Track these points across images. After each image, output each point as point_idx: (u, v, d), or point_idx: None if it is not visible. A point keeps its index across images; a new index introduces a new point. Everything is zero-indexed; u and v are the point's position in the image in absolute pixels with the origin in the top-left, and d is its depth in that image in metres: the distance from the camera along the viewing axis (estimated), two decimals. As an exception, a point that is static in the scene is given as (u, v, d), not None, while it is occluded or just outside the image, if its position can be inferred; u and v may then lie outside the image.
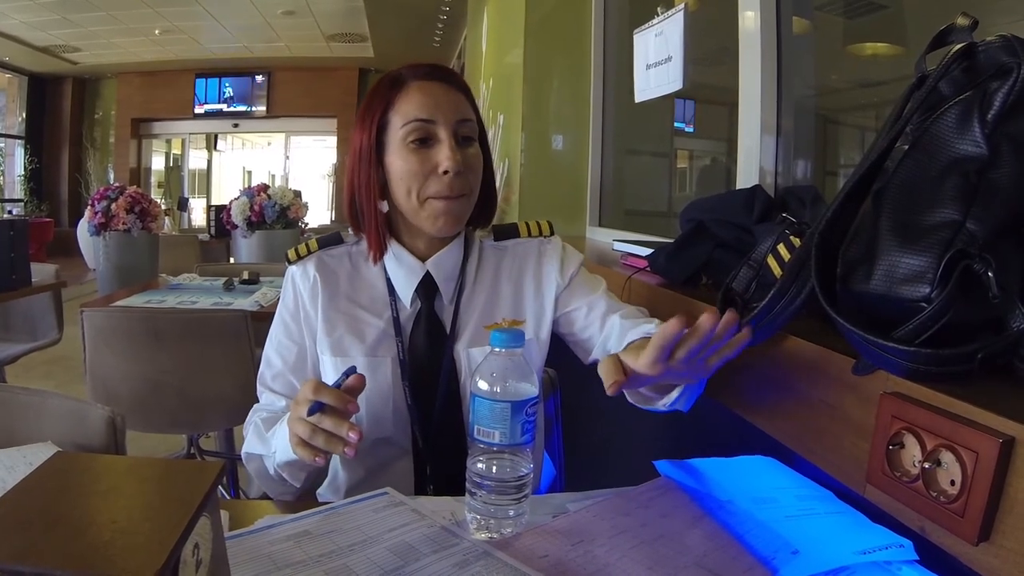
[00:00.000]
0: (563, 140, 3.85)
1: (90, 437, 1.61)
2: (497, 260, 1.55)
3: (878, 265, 0.91)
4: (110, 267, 6.75)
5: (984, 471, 0.76)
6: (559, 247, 1.56)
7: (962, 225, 0.87)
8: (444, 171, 1.36)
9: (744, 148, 2.18)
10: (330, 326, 1.47)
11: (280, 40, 13.05)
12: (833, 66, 2.36)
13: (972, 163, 0.90)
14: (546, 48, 3.83)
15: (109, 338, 3.03)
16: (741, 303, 1.26)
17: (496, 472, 1.02)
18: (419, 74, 1.41)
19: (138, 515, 0.68)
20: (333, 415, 1.12)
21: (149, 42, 13.07)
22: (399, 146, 1.37)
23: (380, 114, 1.39)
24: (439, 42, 11.98)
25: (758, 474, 1.16)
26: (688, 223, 1.69)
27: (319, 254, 1.52)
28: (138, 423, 3.10)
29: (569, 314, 1.53)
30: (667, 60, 2.48)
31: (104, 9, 10.75)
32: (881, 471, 0.90)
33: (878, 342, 0.87)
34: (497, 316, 1.49)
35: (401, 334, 1.46)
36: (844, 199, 1.02)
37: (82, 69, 14.98)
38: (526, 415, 1.00)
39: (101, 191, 6.88)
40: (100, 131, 16.24)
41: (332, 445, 1.12)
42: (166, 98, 15.54)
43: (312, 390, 1.13)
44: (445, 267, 1.47)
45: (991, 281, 0.82)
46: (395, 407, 1.44)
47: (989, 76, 0.93)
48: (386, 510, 1.12)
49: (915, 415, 0.86)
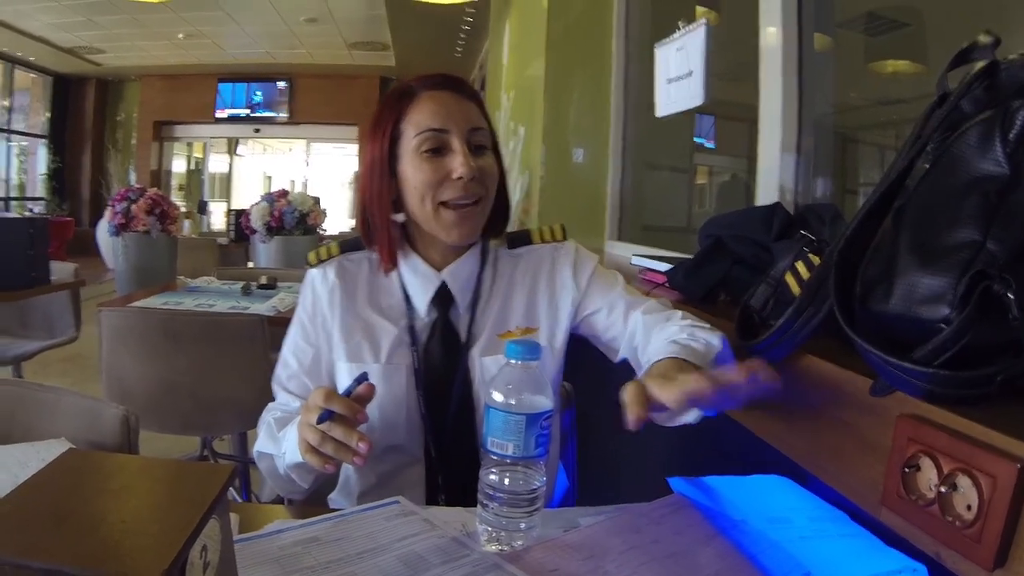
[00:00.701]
0: (583, 153, 3.85)
1: (104, 435, 1.62)
2: (512, 267, 1.55)
3: (897, 285, 0.90)
4: (128, 268, 6.80)
5: (1002, 496, 0.74)
6: (572, 252, 1.55)
7: (982, 246, 0.86)
8: (458, 177, 1.36)
9: (763, 166, 2.17)
10: (347, 332, 1.47)
11: (302, 47, 13.11)
12: (854, 83, 2.35)
13: (993, 183, 0.89)
14: (567, 61, 3.83)
15: (126, 338, 3.05)
16: (759, 320, 1.25)
17: (508, 484, 1.01)
18: (429, 84, 1.43)
19: (147, 515, 0.68)
20: (343, 424, 1.13)
21: (172, 46, 13.15)
22: (412, 156, 1.38)
23: (392, 126, 1.41)
24: (461, 52, 12.00)
25: (772, 494, 1.14)
26: (707, 239, 1.68)
27: (340, 259, 1.53)
28: (152, 424, 3.10)
29: (589, 318, 1.52)
30: (688, 75, 2.47)
31: (129, 12, 10.82)
32: (896, 494, 0.89)
33: (897, 363, 0.86)
34: (511, 324, 1.49)
35: (416, 343, 1.46)
36: (864, 217, 1.01)
37: (106, 71, 15.08)
38: (541, 428, 1.00)
39: (122, 192, 6.93)
40: (122, 133, 16.34)
41: (341, 454, 1.13)
42: (188, 102, 15.62)
43: (323, 398, 1.14)
44: (461, 277, 1.48)
45: (1011, 303, 0.80)
46: (408, 415, 1.44)
47: (1011, 95, 0.92)
48: (397, 519, 1.11)
49: (932, 438, 0.85)
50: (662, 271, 1.90)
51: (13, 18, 11.35)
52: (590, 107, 3.84)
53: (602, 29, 3.75)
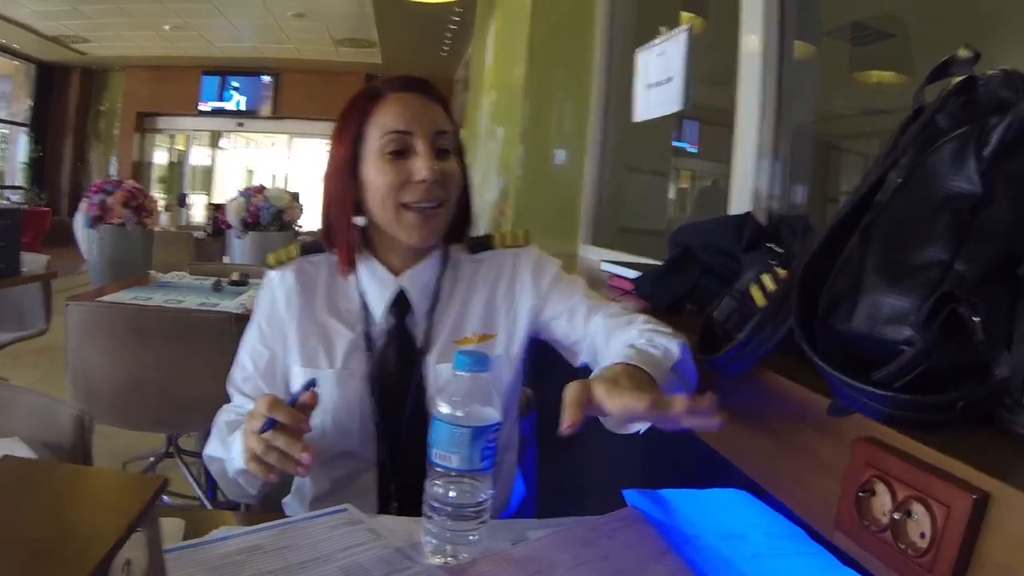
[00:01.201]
0: (562, 156, 3.84)
1: (59, 435, 1.62)
2: (471, 273, 1.53)
3: (861, 303, 0.88)
4: (103, 260, 6.73)
5: (955, 527, 0.72)
6: (534, 257, 1.54)
7: (950, 266, 0.84)
8: (420, 179, 1.35)
9: (739, 173, 2.16)
10: (303, 336, 1.46)
11: (289, 42, 13.07)
12: (840, 92, 2.35)
13: (965, 200, 0.87)
14: (550, 63, 3.82)
15: (93, 332, 3.02)
16: (721, 333, 1.22)
17: (454, 497, 0.99)
18: (396, 86, 1.42)
19: (69, 527, 0.66)
20: (286, 433, 1.12)
21: (158, 37, 13.08)
22: (375, 158, 1.37)
23: (357, 127, 1.39)
24: (447, 52, 11.99)
25: (730, 508, 1.12)
26: (675, 248, 1.66)
27: (300, 261, 1.51)
28: (118, 420, 3.09)
29: (550, 323, 1.50)
30: (668, 80, 2.46)
31: (115, 2, 10.77)
32: (850, 517, 0.87)
33: (855, 385, 0.84)
34: (467, 330, 1.48)
35: (372, 348, 1.45)
36: (831, 232, 0.98)
37: (90, 60, 14.99)
38: (486, 441, 0.98)
39: (98, 184, 6.88)
40: (105, 123, 16.25)
41: (284, 464, 1.12)
42: (172, 93, 15.54)
43: (267, 406, 1.13)
44: (419, 282, 1.46)
45: (977, 326, 0.79)
46: (362, 422, 1.43)
47: (988, 111, 0.90)
48: (343, 527, 1.10)
49: (887, 463, 0.82)
50: (631, 278, 1.87)
51: (-2, 5, 11.29)
52: (571, 110, 3.84)
53: (585, 32, 3.75)
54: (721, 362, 1.16)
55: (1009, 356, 0.81)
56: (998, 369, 0.81)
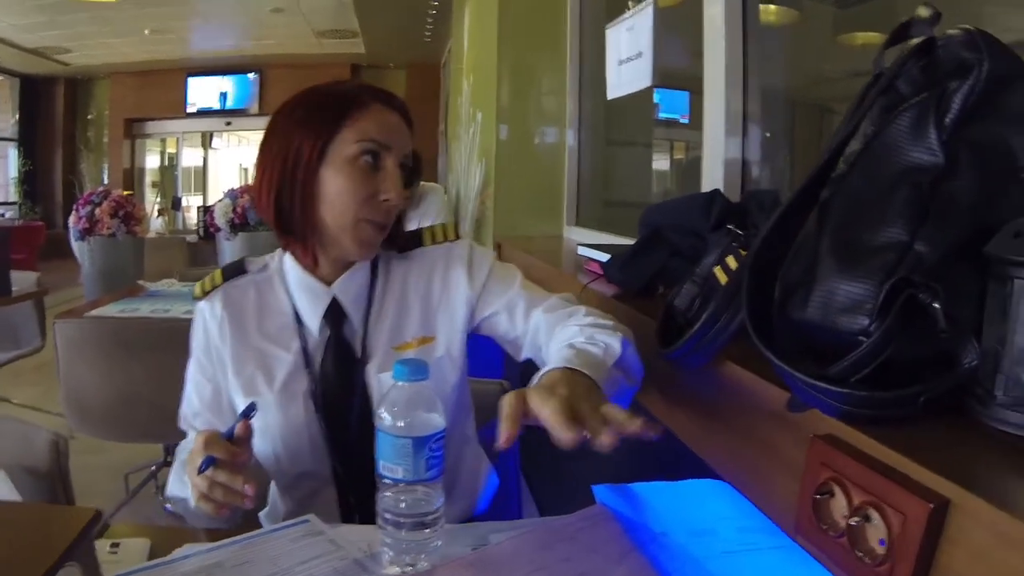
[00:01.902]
0: (542, 137, 3.82)
1: (36, 459, 1.63)
2: (404, 273, 1.49)
3: (816, 291, 0.83)
4: (95, 272, 6.72)
5: (911, 537, 0.67)
6: (465, 251, 1.49)
7: (909, 246, 0.78)
8: (386, 199, 1.33)
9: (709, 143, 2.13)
10: (240, 365, 1.42)
11: (270, 38, 12.99)
12: (827, 55, 2.32)
13: (925, 173, 0.82)
14: (523, 44, 3.80)
15: (82, 349, 3.02)
16: (684, 322, 1.16)
17: (405, 507, 0.98)
18: (381, 98, 1.38)
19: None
20: (226, 469, 1.12)
21: (139, 42, 13.01)
22: (345, 163, 1.32)
23: (332, 124, 1.33)
24: (430, 37, 11.92)
25: (703, 502, 1.09)
26: (645, 229, 1.61)
27: (224, 288, 1.46)
28: (112, 434, 3.12)
29: (490, 319, 1.47)
30: (638, 56, 2.43)
31: (93, 11, 10.71)
32: (808, 520, 0.82)
33: (808, 381, 0.79)
34: (407, 334, 1.45)
35: (311, 365, 1.41)
36: (784, 213, 0.92)
37: (74, 70, 14.92)
38: (430, 450, 0.96)
39: (86, 196, 6.86)
40: (94, 132, 16.20)
41: (230, 498, 1.13)
42: (159, 98, 15.48)
43: (203, 444, 1.14)
44: (351, 290, 1.43)
45: (938, 313, 0.73)
46: (311, 441, 1.40)
47: (948, 75, 0.85)
48: (303, 540, 1.09)
49: (843, 465, 0.77)
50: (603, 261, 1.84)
51: (-27, 21, 11.23)
52: (550, 90, 3.82)
53: (557, 10, 3.73)
54: (677, 355, 1.11)
55: (977, 343, 0.76)
56: (966, 357, 0.76)
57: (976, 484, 0.65)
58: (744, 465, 1.02)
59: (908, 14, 0.93)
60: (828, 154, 0.91)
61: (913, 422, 0.77)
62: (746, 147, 2.09)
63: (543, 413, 0.95)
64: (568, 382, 1.04)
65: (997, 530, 0.61)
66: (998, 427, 0.75)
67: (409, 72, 14.41)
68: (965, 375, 0.76)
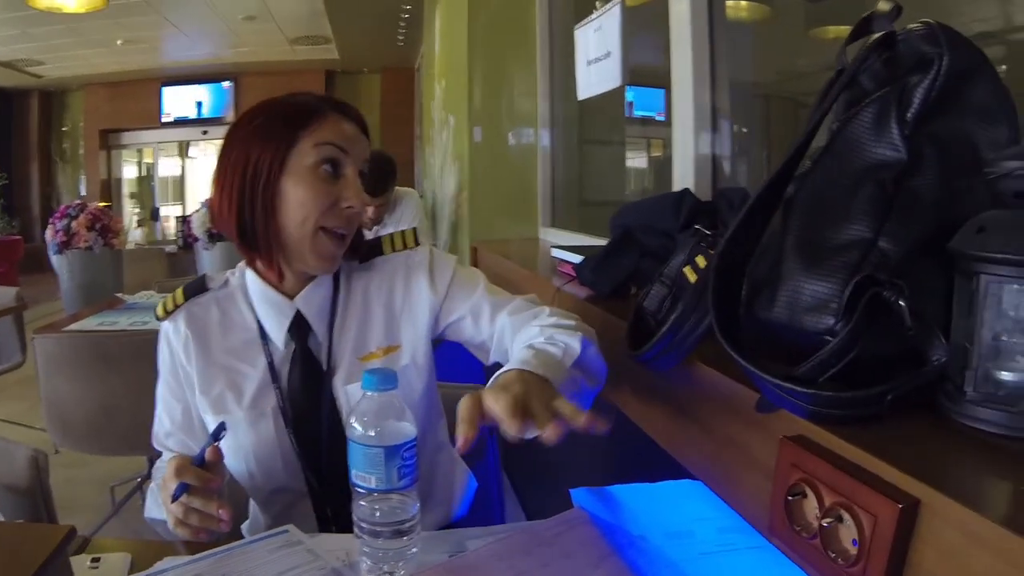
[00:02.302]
0: (516, 138, 3.81)
1: (16, 475, 1.64)
2: (365, 282, 1.48)
3: (781, 290, 0.83)
4: (74, 286, 6.69)
5: (882, 537, 0.67)
6: (426, 257, 1.48)
7: (873, 244, 0.78)
8: (348, 206, 1.32)
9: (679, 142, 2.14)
10: (207, 384, 1.41)
11: (244, 45, 12.92)
12: (800, 50, 2.33)
13: (889, 170, 0.81)
14: (493, 46, 3.80)
15: (61, 363, 3.01)
16: (655, 324, 1.15)
17: (380, 516, 0.99)
18: (339, 108, 1.38)
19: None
20: (199, 495, 1.14)
21: (112, 53, 12.92)
22: (306, 171, 1.30)
23: (291, 134, 1.31)
24: (403, 41, 11.89)
25: (681, 503, 1.10)
26: (615, 230, 1.61)
27: (187, 306, 1.44)
28: (94, 447, 3.12)
29: (455, 324, 1.46)
30: (607, 56, 2.43)
31: (64, 22, 10.61)
32: (781, 521, 0.82)
33: (774, 381, 0.78)
34: (371, 344, 1.44)
35: (278, 380, 1.41)
36: (749, 211, 0.90)
37: (47, 82, 14.80)
38: (402, 459, 0.97)
39: (62, 209, 6.82)
40: (69, 143, 16.08)
41: (206, 523, 1.14)
42: (133, 108, 15.38)
43: (174, 472, 1.15)
44: (315, 303, 1.42)
45: (904, 311, 0.72)
46: (283, 456, 1.39)
47: (909, 70, 0.85)
48: (281, 550, 1.11)
49: (813, 466, 0.77)
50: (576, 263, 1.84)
51: (-56, 35, 11.14)
52: (521, 92, 3.81)
53: (526, 11, 3.72)
54: (648, 357, 1.11)
55: (945, 339, 0.76)
56: (933, 354, 0.75)
57: (946, 483, 0.65)
58: (718, 466, 1.02)
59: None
60: (793, 150, 0.90)
61: (883, 421, 0.77)
62: (717, 143, 2.09)
63: (495, 410, 0.95)
64: (522, 381, 1.04)
65: (967, 529, 0.61)
66: (968, 424, 0.75)
67: (384, 77, 14.36)
68: (933, 372, 0.76)
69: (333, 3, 9.80)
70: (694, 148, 2.05)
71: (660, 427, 1.21)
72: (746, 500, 0.95)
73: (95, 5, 5.67)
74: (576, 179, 3.69)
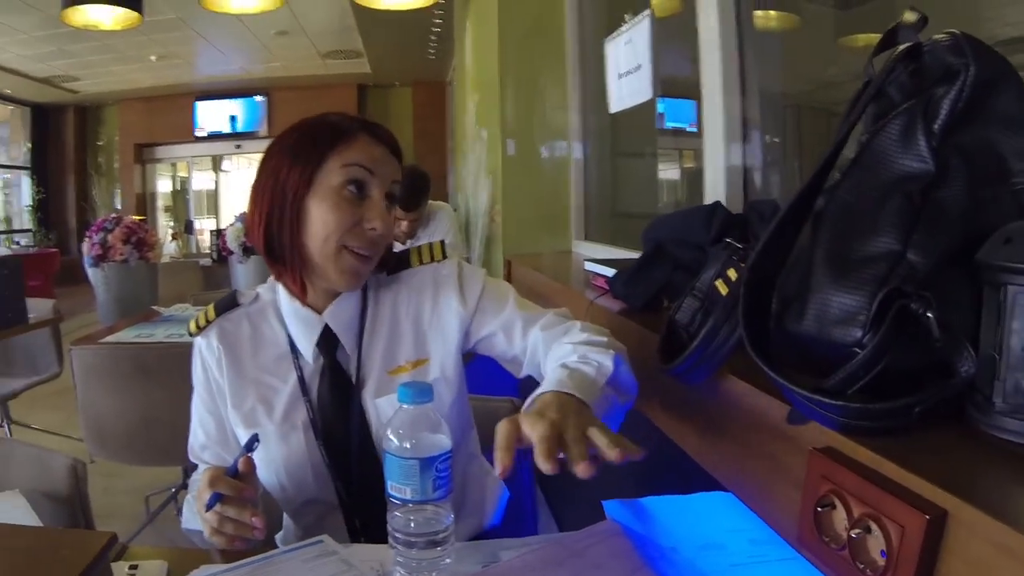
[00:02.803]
0: (549, 151, 3.81)
1: (55, 484, 1.66)
2: (393, 295, 1.49)
3: (811, 303, 0.83)
4: (110, 298, 6.79)
5: (910, 548, 0.67)
6: (454, 271, 1.48)
7: (901, 256, 0.78)
8: (372, 227, 1.33)
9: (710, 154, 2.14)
10: (239, 398, 1.43)
11: (276, 60, 13.00)
12: (831, 59, 2.32)
13: (916, 181, 0.82)
14: (525, 59, 3.80)
15: (99, 374, 3.05)
16: (687, 336, 1.15)
17: (415, 527, 1.00)
18: (369, 129, 1.39)
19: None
20: (233, 504, 1.16)
21: (146, 68, 13.07)
22: (330, 191, 1.33)
23: (319, 154, 1.34)
24: (434, 55, 11.92)
25: (713, 515, 1.10)
26: (647, 243, 1.62)
27: (219, 322, 1.47)
28: (131, 457, 3.15)
29: (486, 340, 1.46)
30: (637, 68, 2.44)
31: (99, 39, 10.73)
32: (810, 532, 0.82)
33: (804, 394, 0.79)
34: (400, 357, 1.45)
35: (308, 394, 1.42)
36: (779, 224, 0.91)
37: (83, 98, 15.00)
38: (437, 471, 0.98)
39: (98, 223, 6.93)
40: (104, 158, 16.27)
41: (242, 531, 1.16)
42: (168, 122, 15.53)
43: (208, 482, 1.17)
44: (343, 317, 1.43)
45: (931, 323, 0.73)
46: (313, 469, 1.41)
47: (935, 80, 0.85)
48: (316, 560, 1.12)
49: (842, 478, 0.77)
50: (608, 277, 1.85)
51: (-17, 53, 11.33)
52: (556, 104, 3.81)
53: (556, 24, 3.73)
54: (680, 371, 1.11)
55: (974, 350, 0.75)
56: (962, 365, 0.75)
57: (974, 494, 0.65)
58: (749, 478, 1.02)
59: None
60: (821, 163, 0.90)
61: (912, 432, 0.77)
62: (748, 154, 2.09)
63: (532, 439, 0.95)
64: (559, 405, 1.04)
65: (995, 540, 0.61)
66: (997, 435, 0.75)
67: (415, 90, 14.38)
68: (961, 384, 0.76)
69: (364, 17, 9.82)
70: (725, 159, 2.05)
71: (692, 439, 1.22)
72: (776, 511, 0.95)
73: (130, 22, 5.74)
74: (609, 192, 3.68)
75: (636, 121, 3.31)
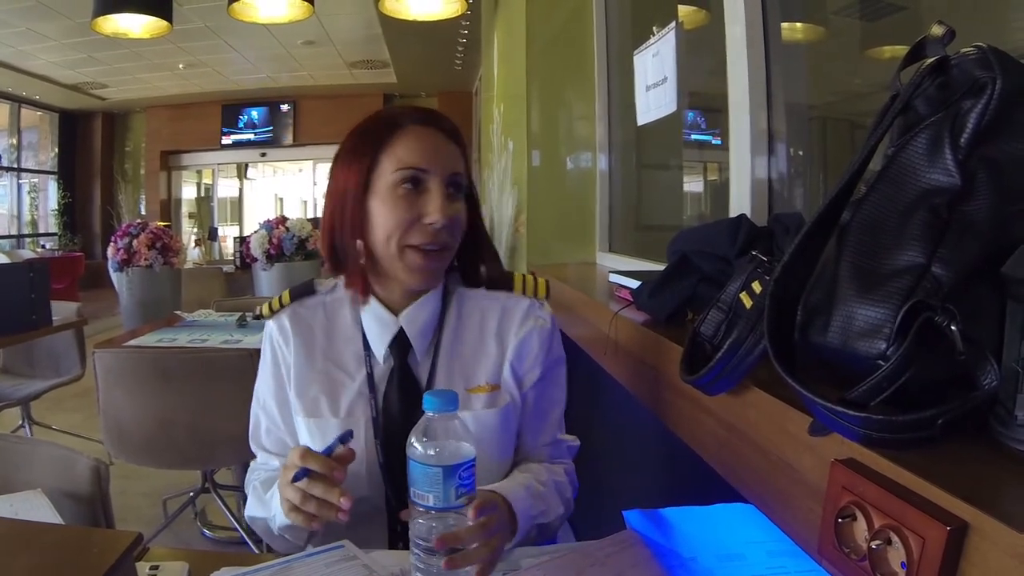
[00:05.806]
0: (574, 163, 3.82)
1: (77, 484, 1.66)
2: (483, 310, 1.49)
3: (835, 315, 0.82)
4: (133, 303, 6.84)
5: (931, 560, 0.67)
6: (549, 326, 1.50)
7: (926, 269, 0.77)
8: (431, 222, 1.32)
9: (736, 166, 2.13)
10: (303, 386, 1.43)
11: (303, 69, 13.11)
12: (857, 70, 2.32)
13: (942, 195, 0.81)
14: (551, 71, 3.80)
15: (121, 378, 3.07)
16: (711, 348, 1.15)
17: (436, 534, 1.00)
18: (416, 118, 1.37)
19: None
20: (321, 481, 1.13)
21: (174, 76, 13.21)
22: (387, 191, 1.32)
23: (372, 153, 1.34)
24: (460, 65, 11.97)
25: (733, 525, 1.10)
26: (672, 255, 1.61)
27: (293, 307, 1.47)
28: (151, 460, 3.17)
29: (523, 401, 1.49)
30: (663, 81, 2.44)
31: (128, 47, 10.86)
32: (831, 544, 0.81)
33: (827, 405, 0.78)
34: (481, 377, 1.44)
35: (375, 391, 1.42)
36: (804, 237, 0.91)
37: (111, 104, 15.18)
38: (460, 479, 0.99)
39: (123, 228, 6.98)
40: (131, 164, 16.44)
41: (323, 511, 1.14)
42: (194, 130, 15.68)
43: (299, 456, 1.17)
44: (419, 321, 1.42)
45: (956, 335, 0.72)
46: (368, 467, 1.40)
47: (963, 94, 0.84)
48: (337, 564, 1.13)
49: (864, 489, 0.77)
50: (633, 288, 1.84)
51: (15, 59, 11.42)
52: (579, 116, 3.82)
53: (583, 36, 3.72)
54: (704, 382, 1.11)
55: (997, 364, 0.75)
56: (985, 378, 0.75)
57: (995, 506, 0.65)
58: (769, 489, 1.02)
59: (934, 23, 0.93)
60: (847, 177, 0.90)
61: (934, 444, 0.76)
62: (774, 166, 2.08)
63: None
64: (500, 513, 1.17)
65: (1015, 552, 0.60)
66: (1020, 448, 0.75)
67: (441, 100, 14.39)
68: (984, 396, 0.75)
69: (391, 28, 9.88)
70: (751, 172, 2.04)
71: (712, 450, 1.21)
72: (796, 522, 0.95)
73: (159, 31, 5.79)
74: (634, 203, 3.67)
75: (661, 133, 3.31)
